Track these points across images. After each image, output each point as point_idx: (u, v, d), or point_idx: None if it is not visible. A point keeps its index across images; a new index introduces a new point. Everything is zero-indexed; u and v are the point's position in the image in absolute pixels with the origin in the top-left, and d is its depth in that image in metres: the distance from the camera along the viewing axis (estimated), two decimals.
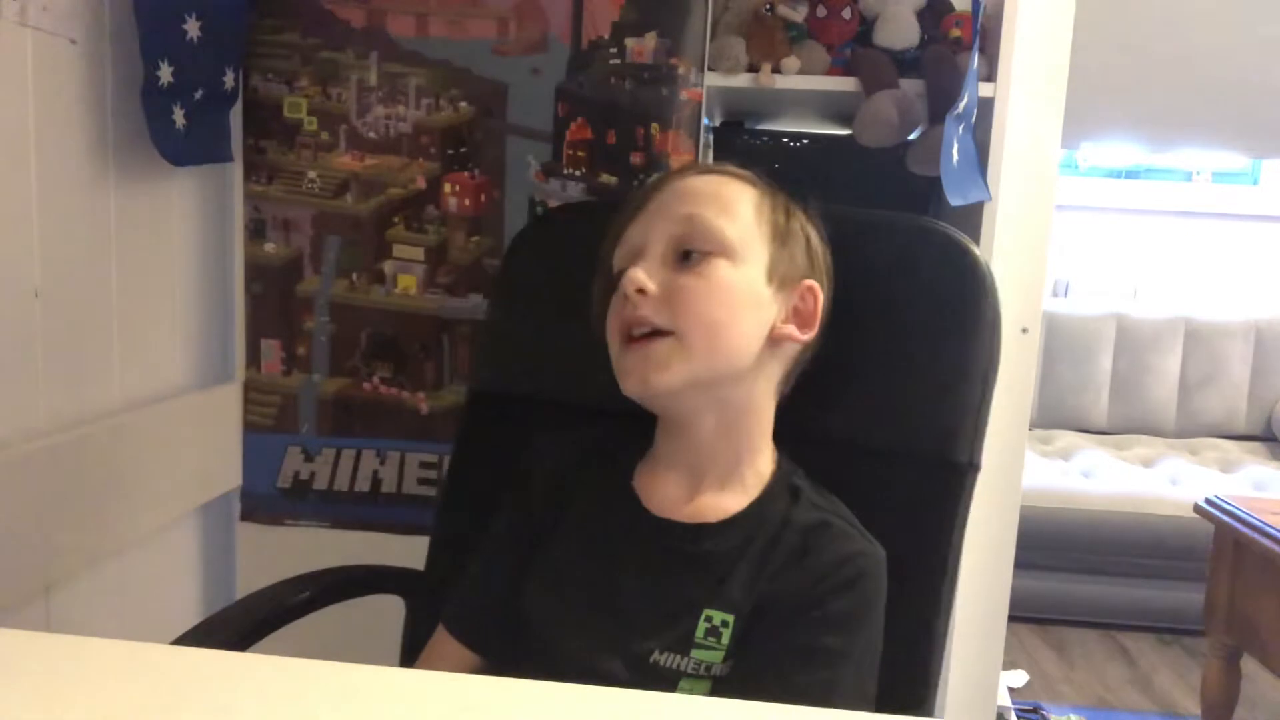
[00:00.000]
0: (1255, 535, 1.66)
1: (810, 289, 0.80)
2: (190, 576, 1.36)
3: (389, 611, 1.05)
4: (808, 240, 0.82)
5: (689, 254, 0.76)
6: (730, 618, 0.74)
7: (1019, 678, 2.23)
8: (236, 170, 1.31)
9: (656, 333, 0.75)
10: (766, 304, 0.78)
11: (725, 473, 0.80)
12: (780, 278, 0.79)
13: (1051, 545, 2.47)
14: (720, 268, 0.76)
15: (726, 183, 0.80)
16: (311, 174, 1.31)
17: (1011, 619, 1.73)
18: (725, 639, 0.73)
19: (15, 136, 0.97)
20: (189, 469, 1.28)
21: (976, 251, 0.87)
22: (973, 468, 0.85)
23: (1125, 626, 2.56)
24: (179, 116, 1.13)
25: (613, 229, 0.83)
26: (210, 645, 0.84)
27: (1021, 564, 1.72)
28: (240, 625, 0.89)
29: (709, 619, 0.74)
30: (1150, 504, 2.50)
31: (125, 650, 0.56)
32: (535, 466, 0.87)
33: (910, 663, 0.80)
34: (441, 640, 0.86)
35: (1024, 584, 1.86)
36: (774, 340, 0.79)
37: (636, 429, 0.84)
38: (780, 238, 0.79)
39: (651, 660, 0.74)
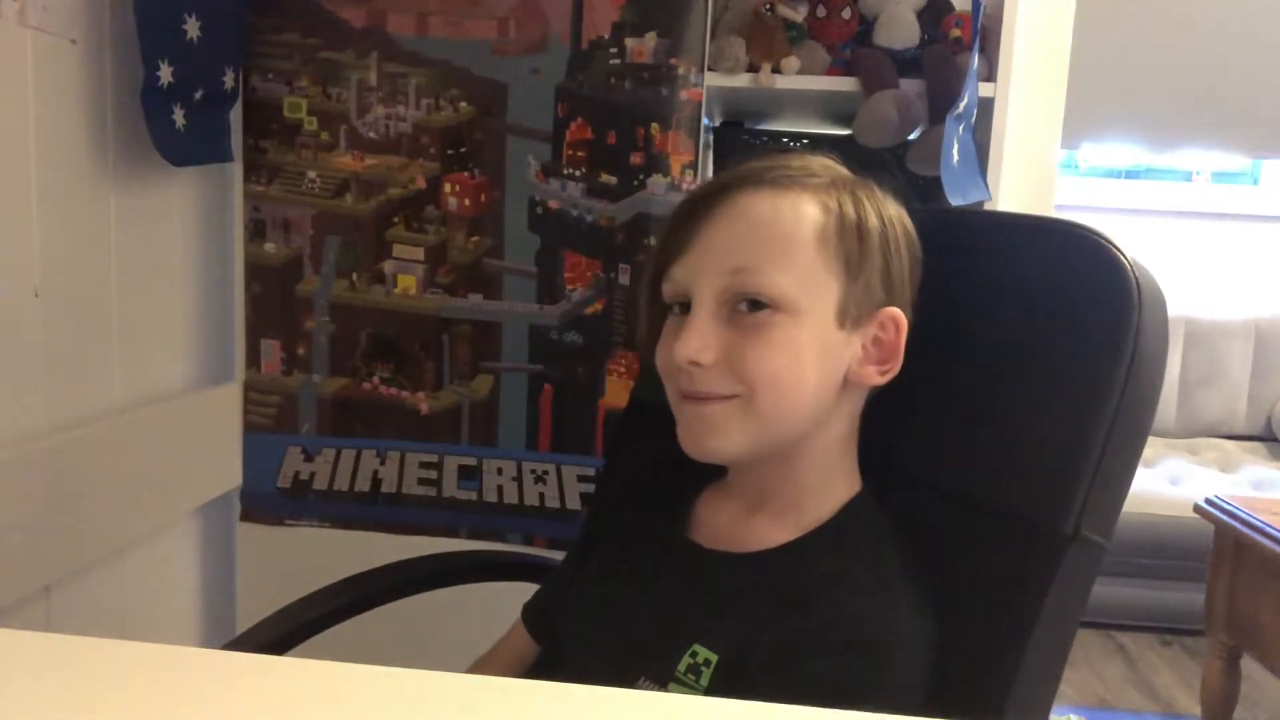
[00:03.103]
0: (1255, 535, 1.66)
1: (892, 318, 0.69)
2: (190, 576, 1.36)
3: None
4: (886, 259, 0.70)
5: (743, 303, 0.67)
6: (714, 658, 0.66)
7: None
8: (236, 170, 1.31)
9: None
10: (838, 349, 0.68)
11: (782, 506, 0.72)
12: (854, 316, 0.68)
13: None
14: (780, 326, 0.66)
15: (782, 204, 0.68)
16: (311, 174, 1.31)
17: None
18: (704, 680, 0.66)
19: (15, 136, 0.97)
20: (189, 469, 1.28)
21: (1126, 261, 0.66)
22: (1078, 540, 0.65)
23: (1125, 626, 2.56)
24: (179, 116, 1.13)
25: (660, 242, 0.73)
26: (353, 596, 0.96)
27: None
28: (388, 582, 1.01)
29: (694, 654, 0.67)
30: (1150, 504, 2.49)
31: (125, 650, 0.56)
32: (617, 473, 0.89)
33: None
34: (514, 627, 0.92)
35: None
36: (849, 383, 0.70)
37: None
38: (852, 269, 0.68)
39: (635, 687, 0.68)
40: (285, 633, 0.91)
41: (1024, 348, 0.71)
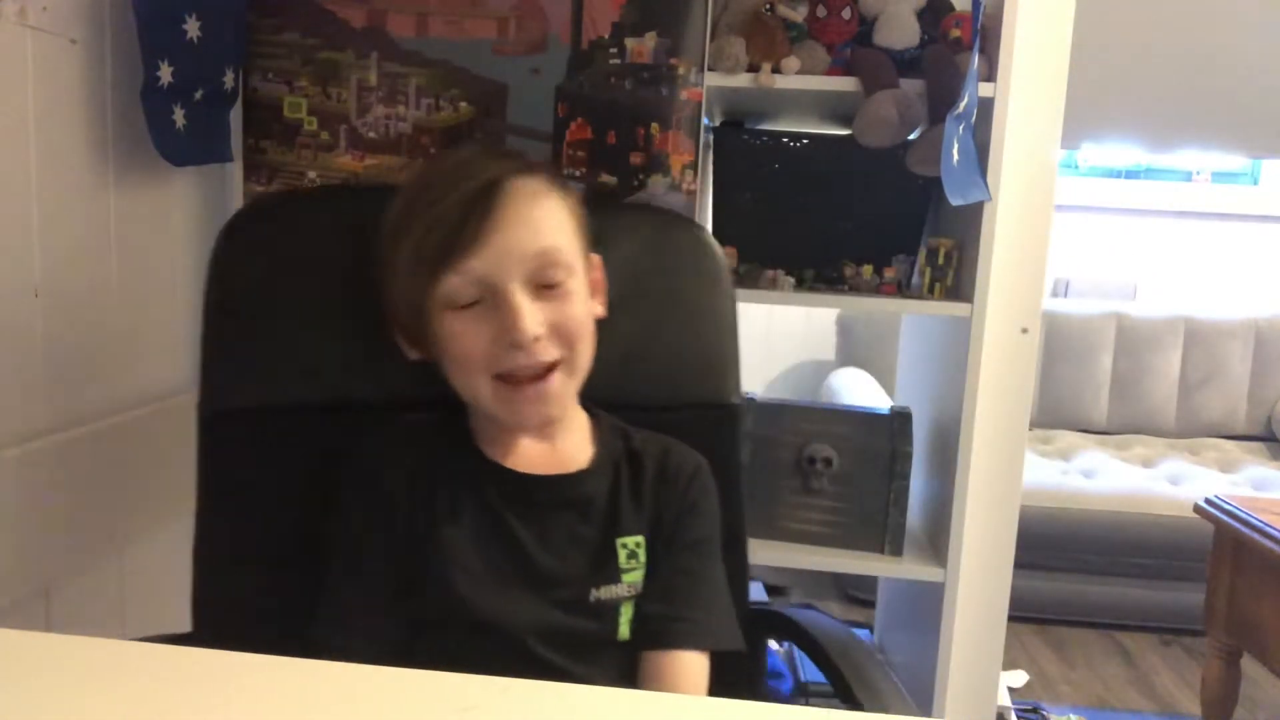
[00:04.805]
0: (1255, 535, 1.66)
1: (596, 263, 0.87)
2: (190, 577, 1.36)
3: None
4: (584, 217, 0.86)
5: (550, 278, 0.80)
6: (641, 538, 0.84)
7: (1019, 678, 2.23)
8: (236, 170, 1.32)
9: (547, 367, 0.79)
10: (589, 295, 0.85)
11: (564, 429, 0.87)
12: (586, 266, 0.85)
13: (1051, 545, 2.47)
14: (575, 290, 0.81)
15: (546, 189, 0.82)
16: (311, 174, 1.31)
17: (1011, 619, 1.73)
18: (642, 557, 0.84)
19: (15, 137, 0.97)
20: (189, 469, 1.27)
21: (710, 239, 1.01)
22: (741, 407, 1.00)
23: (1125, 626, 2.56)
24: (179, 116, 1.13)
25: (437, 243, 0.77)
26: None
27: (1021, 564, 1.72)
28: None
29: (624, 545, 0.83)
30: (1150, 504, 2.49)
31: (125, 650, 0.56)
32: (378, 465, 0.83)
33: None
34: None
35: (1024, 584, 1.86)
36: None
37: (445, 409, 0.85)
38: (583, 233, 0.85)
39: (592, 599, 0.81)
40: None
41: (667, 298, 0.98)
